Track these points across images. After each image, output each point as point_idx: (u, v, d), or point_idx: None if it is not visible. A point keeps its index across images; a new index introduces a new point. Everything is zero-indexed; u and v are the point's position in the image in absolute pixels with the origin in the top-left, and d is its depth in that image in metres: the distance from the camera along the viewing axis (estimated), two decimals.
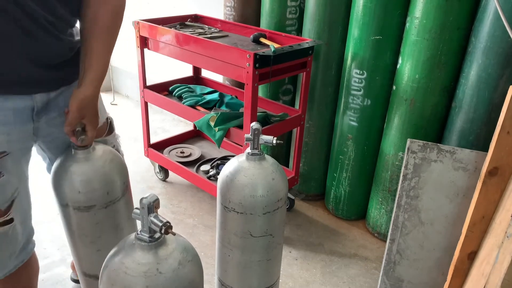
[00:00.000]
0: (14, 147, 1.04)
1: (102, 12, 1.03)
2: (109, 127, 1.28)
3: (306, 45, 1.84)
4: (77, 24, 1.10)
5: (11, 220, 1.08)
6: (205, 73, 2.62)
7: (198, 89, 2.39)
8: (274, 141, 1.12)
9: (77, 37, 1.10)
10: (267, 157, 1.17)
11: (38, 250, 1.87)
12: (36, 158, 1.24)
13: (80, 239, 1.18)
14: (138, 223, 0.86)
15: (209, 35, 2.09)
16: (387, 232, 1.94)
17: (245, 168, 1.13)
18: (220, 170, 2.24)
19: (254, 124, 1.11)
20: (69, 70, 1.08)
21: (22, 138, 1.06)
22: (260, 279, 1.26)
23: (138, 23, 2.13)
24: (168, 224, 0.80)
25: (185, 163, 2.33)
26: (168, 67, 2.99)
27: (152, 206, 0.81)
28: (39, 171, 1.40)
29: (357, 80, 1.90)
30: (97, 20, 1.02)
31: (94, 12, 1.02)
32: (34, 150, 1.19)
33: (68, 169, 1.09)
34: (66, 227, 1.18)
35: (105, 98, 2.67)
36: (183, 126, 3.23)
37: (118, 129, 1.39)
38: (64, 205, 1.12)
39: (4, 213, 1.06)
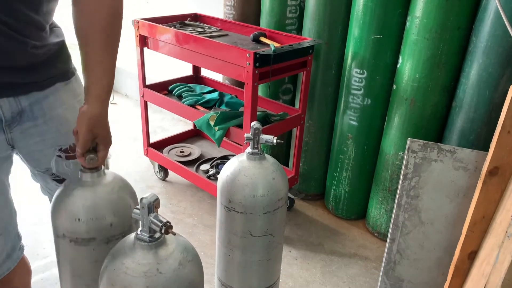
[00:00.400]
0: None
1: (98, 17, 0.92)
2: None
3: (306, 44, 1.83)
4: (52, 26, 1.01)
5: None
6: (205, 72, 2.61)
7: (198, 88, 2.39)
8: (275, 141, 1.11)
9: (54, 38, 1.00)
10: (268, 156, 1.17)
11: (38, 250, 1.87)
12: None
13: (74, 280, 1.01)
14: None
15: (209, 34, 2.08)
16: (387, 231, 1.94)
17: (245, 168, 1.12)
18: (220, 169, 2.24)
19: (255, 124, 1.10)
20: (42, 74, 0.99)
21: None
22: (260, 279, 1.25)
23: (137, 22, 2.12)
24: (169, 224, 0.80)
25: (184, 163, 2.33)
26: (168, 66, 2.98)
27: (152, 206, 0.81)
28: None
29: (357, 79, 1.90)
30: (94, 27, 0.92)
31: (88, 18, 0.92)
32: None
33: (71, 193, 0.96)
34: (59, 263, 1.03)
35: None
36: (183, 125, 3.23)
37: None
38: (59, 236, 0.98)
39: None
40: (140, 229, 0.83)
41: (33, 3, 0.90)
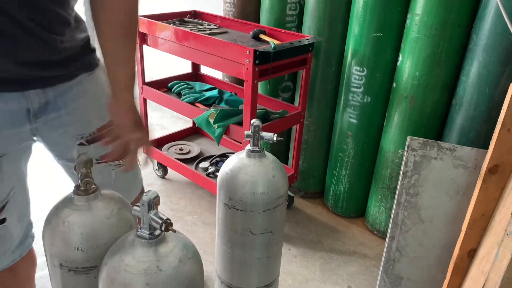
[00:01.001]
0: (10, 148, 1.01)
1: (118, 13, 0.98)
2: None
3: (306, 42, 1.83)
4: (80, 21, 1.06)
5: (3, 220, 1.05)
6: (204, 70, 2.61)
7: (197, 85, 2.38)
8: (275, 138, 1.11)
9: (79, 34, 1.05)
10: (267, 154, 1.16)
11: (37, 248, 1.87)
12: (36, 154, 1.22)
13: None
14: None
15: (208, 32, 2.08)
16: (387, 229, 1.94)
17: (245, 165, 1.12)
18: (219, 167, 2.24)
19: (255, 121, 1.10)
20: (67, 68, 1.03)
21: (19, 139, 1.03)
22: (259, 276, 1.25)
23: None
24: (169, 221, 0.80)
25: (184, 160, 2.32)
26: (167, 64, 2.97)
27: (153, 203, 0.80)
28: (39, 168, 1.39)
29: (357, 77, 1.89)
30: (114, 23, 0.98)
31: (108, 14, 0.98)
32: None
33: (66, 219, 0.91)
34: None
35: None
36: (182, 123, 3.22)
37: None
38: (56, 265, 0.93)
39: None
40: (140, 226, 0.82)
41: (61, 0, 0.94)
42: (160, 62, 2.92)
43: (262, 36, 1.99)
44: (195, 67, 2.61)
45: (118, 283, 0.80)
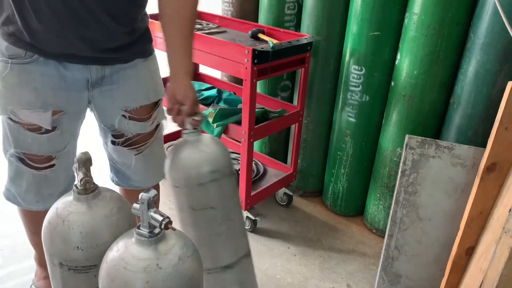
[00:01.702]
0: (70, 108, 1.21)
1: (184, 9, 1.14)
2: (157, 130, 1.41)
3: (305, 41, 1.83)
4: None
5: (52, 165, 1.26)
6: (203, 69, 2.61)
7: (196, 85, 2.38)
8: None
9: (141, 24, 1.23)
10: (204, 134, 1.19)
11: None
12: None
13: None
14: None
15: (207, 31, 2.08)
16: (385, 228, 1.95)
17: (181, 144, 1.15)
18: None
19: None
20: (126, 52, 1.22)
21: (77, 103, 1.23)
22: (214, 256, 1.22)
23: None
24: (168, 219, 0.80)
25: None
26: (166, 63, 2.97)
27: (152, 201, 0.81)
28: None
29: (355, 76, 1.90)
30: (181, 17, 1.14)
31: (175, 9, 1.14)
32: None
33: (65, 218, 0.92)
34: None
35: None
36: None
37: None
38: (55, 264, 0.95)
39: (51, 159, 1.25)
40: (139, 224, 0.83)
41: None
42: (159, 61, 2.92)
43: (261, 36, 1.99)
44: (194, 66, 2.61)
45: (118, 281, 0.80)
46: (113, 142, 1.36)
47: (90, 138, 1.73)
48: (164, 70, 1.34)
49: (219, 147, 1.17)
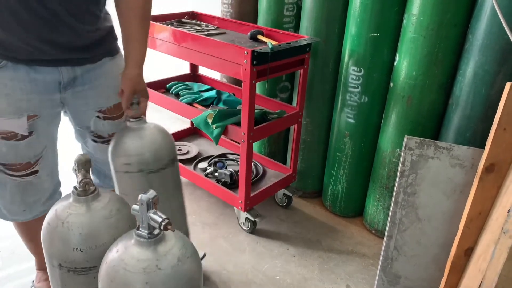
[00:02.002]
0: (44, 112, 1.22)
1: (136, 4, 1.20)
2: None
3: (304, 42, 1.84)
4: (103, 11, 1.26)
5: (36, 172, 1.26)
6: (203, 71, 2.61)
7: (196, 86, 2.39)
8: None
9: (105, 23, 1.26)
10: (149, 123, 1.26)
11: None
12: None
13: None
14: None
15: (206, 32, 2.08)
16: (385, 228, 1.95)
17: (126, 131, 1.23)
18: (218, 167, 2.24)
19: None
20: (93, 51, 1.25)
21: (51, 105, 1.23)
22: None
23: None
24: (167, 220, 0.80)
25: (182, 161, 2.33)
26: (165, 65, 2.98)
27: (151, 203, 0.81)
28: None
29: (354, 77, 1.90)
30: (133, 11, 1.20)
31: (128, 5, 1.20)
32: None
33: (65, 220, 0.93)
34: None
35: None
36: (181, 123, 3.22)
37: None
38: (55, 266, 0.95)
39: (32, 165, 1.25)
40: (139, 225, 0.83)
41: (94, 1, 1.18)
42: (158, 63, 2.93)
43: (260, 37, 2.00)
44: (193, 68, 2.61)
45: (118, 282, 0.80)
46: (94, 141, 1.39)
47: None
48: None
49: (162, 136, 1.23)
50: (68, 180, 1.35)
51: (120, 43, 1.33)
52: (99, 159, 1.42)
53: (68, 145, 1.68)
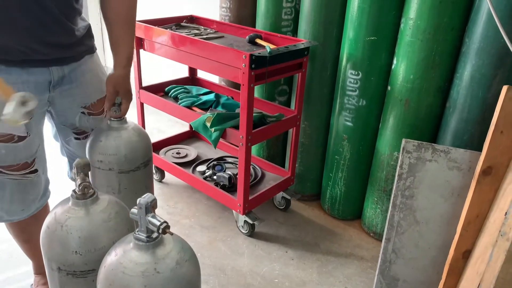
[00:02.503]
0: (36, 112, 1.21)
1: (119, 7, 1.25)
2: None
3: (302, 46, 1.85)
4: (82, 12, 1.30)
5: (35, 170, 1.31)
6: (201, 74, 2.62)
7: (194, 90, 2.39)
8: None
9: (83, 22, 1.31)
10: (129, 123, 1.29)
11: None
12: None
13: None
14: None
15: (205, 36, 2.09)
16: (383, 231, 1.95)
17: (105, 130, 1.28)
18: (217, 171, 2.25)
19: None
20: (77, 50, 1.29)
21: (41, 106, 1.26)
22: None
23: None
24: (166, 224, 0.81)
25: (181, 164, 2.33)
26: (164, 68, 2.98)
27: (150, 206, 0.81)
28: None
29: (352, 80, 1.91)
30: (119, 15, 1.26)
31: (112, 7, 1.25)
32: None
33: (64, 223, 0.93)
34: None
35: None
36: (179, 127, 3.23)
37: None
38: (54, 269, 0.95)
39: (30, 165, 1.28)
40: (137, 229, 0.83)
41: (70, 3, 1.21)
42: (157, 66, 2.94)
43: (258, 41, 2.01)
44: (192, 71, 2.62)
45: (117, 285, 0.80)
46: (76, 138, 1.43)
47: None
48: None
49: (138, 139, 1.26)
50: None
51: (96, 42, 1.41)
52: (81, 157, 1.43)
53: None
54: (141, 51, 2.20)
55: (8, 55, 1.14)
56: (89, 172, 1.26)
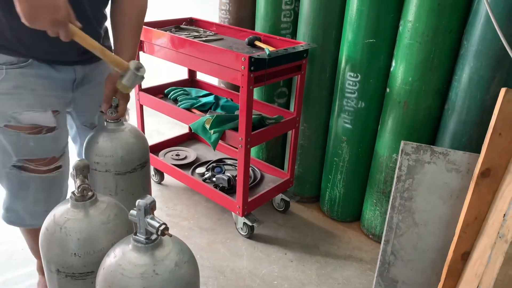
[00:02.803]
0: (62, 109, 1.28)
1: (131, 12, 1.29)
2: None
3: (301, 48, 1.85)
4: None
5: (60, 167, 1.31)
6: (201, 76, 2.62)
7: (194, 92, 2.40)
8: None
9: (103, 26, 1.35)
10: (125, 125, 1.29)
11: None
12: None
13: None
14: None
15: (204, 38, 2.10)
16: (382, 233, 1.95)
17: (102, 131, 1.27)
18: (216, 172, 2.25)
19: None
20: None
21: (65, 104, 1.30)
22: None
23: None
24: (165, 225, 0.81)
25: (180, 166, 2.33)
26: (163, 70, 2.99)
27: (149, 208, 0.81)
28: None
29: (351, 82, 1.91)
30: (127, 18, 1.29)
31: (124, 11, 1.28)
32: None
33: (63, 225, 0.93)
34: None
35: None
36: (179, 128, 3.23)
37: None
38: (53, 271, 0.95)
39: (57, 160, 1.29)
40: (136, 231, 0.83)
41: (106, 3, 1.29)
42: (157, 68, 2.94)
43: (257, 43, 2.01)
44: (191, 73, 2.62)
45: (115, 287, 0.80)
46: None
47: None
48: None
49: (135, 141, 1.26)
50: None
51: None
52: None
53: None
54: (141, 53, 2.20)
55: (38, 53, 1.18)
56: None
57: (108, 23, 1.37)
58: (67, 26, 1.01)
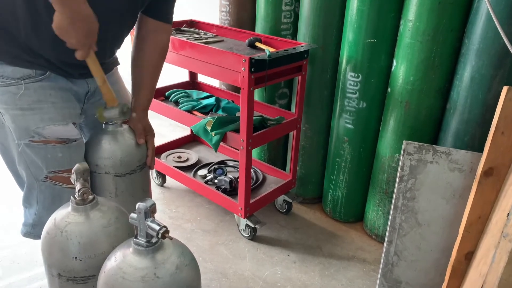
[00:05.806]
0: (78, 120, 1.29)
1: (153, 51, 1.34)
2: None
3: (301, 49, 1.85)
4: None
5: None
6: (202, 78, 2.62)
7: (195, 94, 2.40)
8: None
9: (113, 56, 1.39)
10: (123, 127, 1.29)
11: (36, 257, 1.87)
12: None
13: None
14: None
15: (204, 40, 2.10)
16: (385, 234, 1.94)
17: (103, 134, 1.27)
18: (218, 174, 2.25)
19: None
20: (108, 65, 1.36)
21: (79, 116, 1.30)
22: None
23: (134, 29, 2.13)
24: (165, 228, 0.81)
25: (182, 168, 2.33)
26: (164, 73, 2.98)
27: (149, 211, 0.81)
28: None
29: (352, 83, 1.91)
30: (149, 61, 1.35)
31: (147, 54, 1.33)
32: None
33: (63, 229, 0.92)
34: None
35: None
36: (180, 131, 3.23)
37: None
38: (54, 275, 0.95)
39: None
40: (137, 234, 0.83)
41: (123, 38, 1.34)
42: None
43: (258, 44, 2.01)
44: (192, 75, 2.62)
45: None
46: None
47: None
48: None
49: (134, 142, 1.27)
50: None
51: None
52: None
53: None
54: None
55: (55, 66, 1.18)
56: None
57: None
58: (93, 44, 1.06)
